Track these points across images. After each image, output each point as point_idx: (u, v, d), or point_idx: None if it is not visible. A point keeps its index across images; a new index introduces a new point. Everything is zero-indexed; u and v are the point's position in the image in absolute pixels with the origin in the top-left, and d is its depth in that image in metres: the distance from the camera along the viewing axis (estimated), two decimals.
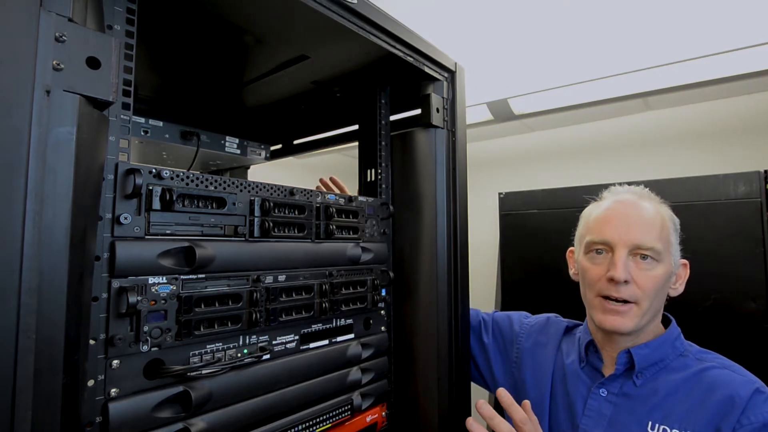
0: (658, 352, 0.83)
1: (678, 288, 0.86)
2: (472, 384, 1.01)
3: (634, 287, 0.80)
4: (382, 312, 0.94)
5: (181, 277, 0.60)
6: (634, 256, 0.81)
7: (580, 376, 0.89)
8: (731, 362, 0.81)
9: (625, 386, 0.83)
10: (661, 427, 0.76)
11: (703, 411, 0.75)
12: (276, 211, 0.73)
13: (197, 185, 0.63)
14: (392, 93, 1.01)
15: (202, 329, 0.61)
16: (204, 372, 0.60)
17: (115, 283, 0.53)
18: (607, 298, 0.82)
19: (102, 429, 0.51)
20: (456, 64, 0.98)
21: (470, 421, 0.79)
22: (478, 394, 1.11)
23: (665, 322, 0.88)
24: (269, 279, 0.71)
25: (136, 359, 0.55)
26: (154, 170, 0.58)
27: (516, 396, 0.97)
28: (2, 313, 0.38)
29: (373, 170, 0.99)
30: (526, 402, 0.80)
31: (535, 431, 0.77)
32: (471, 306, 1.06)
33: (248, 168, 1.37)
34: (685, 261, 0.87)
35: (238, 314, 0.65)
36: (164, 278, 0.58)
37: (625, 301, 0.80)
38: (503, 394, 0.79)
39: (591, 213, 0.91)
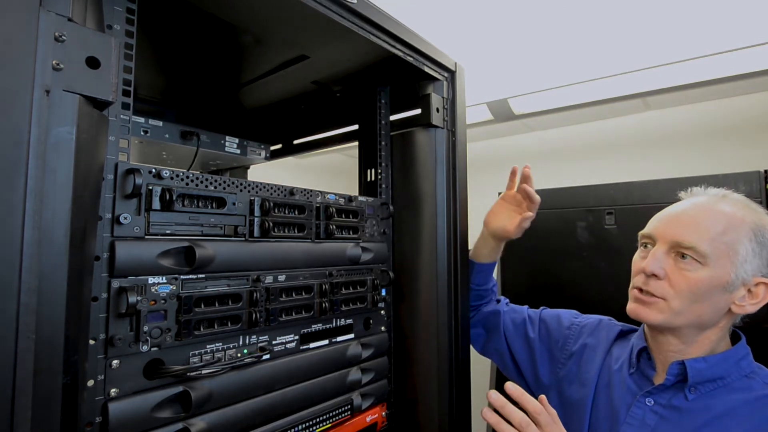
0: (718, 369, 0.76)
1: (746, 307, 0.75)
2: (472, 382, 1.01)
3: (665, 284, 0.76)
4: (382, 312, 0.94)
5: (181, 277, 0.60)
6: (676, 254, 0.77)
7: (627, 382, 0.85)
8: None
9: (674, 399, 0.78)
10: None
11: None
12: (276, 211, 0.73)
13: (197, 185, 0.63)
14: (392, 93, 1.01)
15: (202, 329, 0.61)
16: (204, 372, 0.60)
17: (115, 283, 0.53)
18: (640, 290, 0.80)
19: (102, 429, 0.51)
20: (456, 64, 0.98)
21: (486, 411, 0.75)
22: (479, 393, 1.11)
23: (735, 340, 0.82)
24: (269, 279, 0.71)
25: (136, 359, 0.55)
26: (154, 170, 0.58)
27: (559, 398, 0.94)
28: (2, 313, 0.38)
29: (373, 170, 0.99)
30: (542, 397, 0.76)
31: (552, 422, 0.72)
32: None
33: (248, 168, 1.37)
34: (766, 281, 0.75)
35: (238, 314, 0.65)
36: (164, 278, 0.58)
37: (654, 295, 0.78)
38: (511, 386, 0.76)
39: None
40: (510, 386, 0.76)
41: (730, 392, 0.75)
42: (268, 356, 0.70)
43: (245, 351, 0.67)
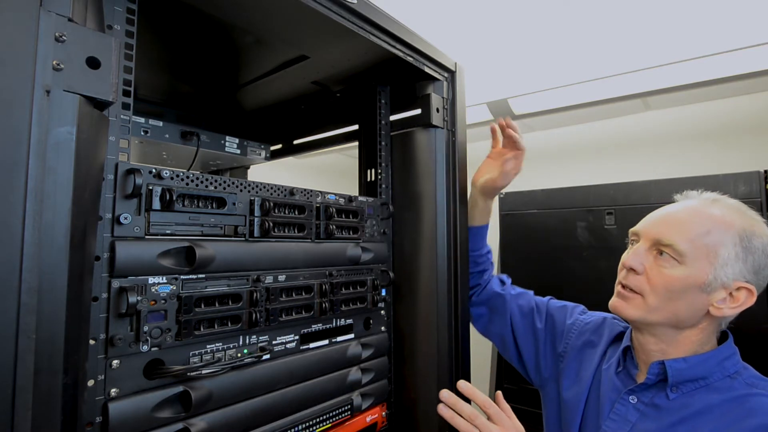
0: (699, 369, 0.77)
1: (724, 310, 0.75)
2: (472, 382, 1.01)
3: (643, 279, 0.79)
4: (382, 312, 0.94)
5: (181, 277, 0.60)
6: (657, 252, 0.79)
7: (613, 381, 0.87)
8: None
9: (656, 397, 0.80)
10: None
11: (728, 431, 0.70)
12: (276, 211, 0.73)
13: (197, 185, 0.63)
14: (392, 93, 1.01)
15: (202, 329, 0.61)
16: (204, 372, 0.60)
17: (115, 283, 0.53)
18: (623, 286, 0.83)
19: (102, 429, 0.51)
20: (456, 64, 0.98)
21: (440, 407, 0.81)
22: None
23: (723, 341, 0.82)
24: (269, 279, 0.71)
25: (136, 359, 0.55)
26: (154, 170, 0.58)
27: (557, 392, 0.97)
28: (2, 312, 0.38)
29: (373, 170, 0.99)
30: (498, 393, 0.81)
31: (502, 413, 0.77)
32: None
33: (248, 168, 1.37)
34: (748, 287, 0.74)
35: (238, 314, 0.65)
36: (164, 278, 0.58)
37: (633, 291, 0.81)
38: (462, 384, 0.82)
39: None
40: (462, 384, 0.81)
41: (711, 392, 0.76)
42: (268, 356, 0.70)
43: (245, 351, 0.67)
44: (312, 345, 0.78)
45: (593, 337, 0.98)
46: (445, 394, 0.81)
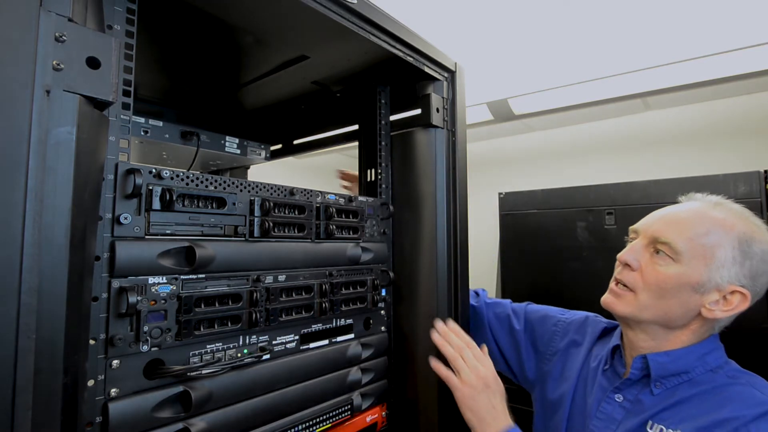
0: (681, 363, 0.78)
1: (716, 312, 0.75)
2: None
3: (638, 276, 0.80)
4: (382, 312, 0.94)
5: (181, 277, 0.60)
6: (654, 249, 0.79)
7: (600, 379, 0.87)
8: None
9: (641, 394, 0.80)
10: (659, 426, 0.74)
11: (702, 418, 0.71)
12: (276, 211, 0.73)
13: (197, 185, 0.63)
14: (392, 93, 1.01)
15: (202, 329, 0.61)
16: (204, 372, 0.60)
17: (115, 283, 0.53)
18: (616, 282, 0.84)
19: (102, 429, 0.51)
20: (456, 64, 0.98)
21: (435, 335, 0.90)
22: None
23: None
24: (269, 279, 0.71)
25: (136, 359, 0.55)
26: (154, 170, 0.58)
27: (542, 393, 0.97)
28: (2, 313, 0.38)
29: (373, 170, 0.99)
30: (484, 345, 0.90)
31: (485, 356, 0.86)
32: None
33: (248, 168, 1.37)
34: (743, 291, 0.74)
35: (238, 314, 0.65)
36: (164, 278, 0.58)
37: (626, 287, 0.81)
38: (452, 324, 0.90)
39: None
40: (451, 323, 0.91)
41: (693, 386, 0.77)
42: (268, 356, 0.70)
43: (245, 351, 0.67)
44: (312, 345, 0.78)
45: (577, 336, 0.98)
46: (440, 324, 0.89)
